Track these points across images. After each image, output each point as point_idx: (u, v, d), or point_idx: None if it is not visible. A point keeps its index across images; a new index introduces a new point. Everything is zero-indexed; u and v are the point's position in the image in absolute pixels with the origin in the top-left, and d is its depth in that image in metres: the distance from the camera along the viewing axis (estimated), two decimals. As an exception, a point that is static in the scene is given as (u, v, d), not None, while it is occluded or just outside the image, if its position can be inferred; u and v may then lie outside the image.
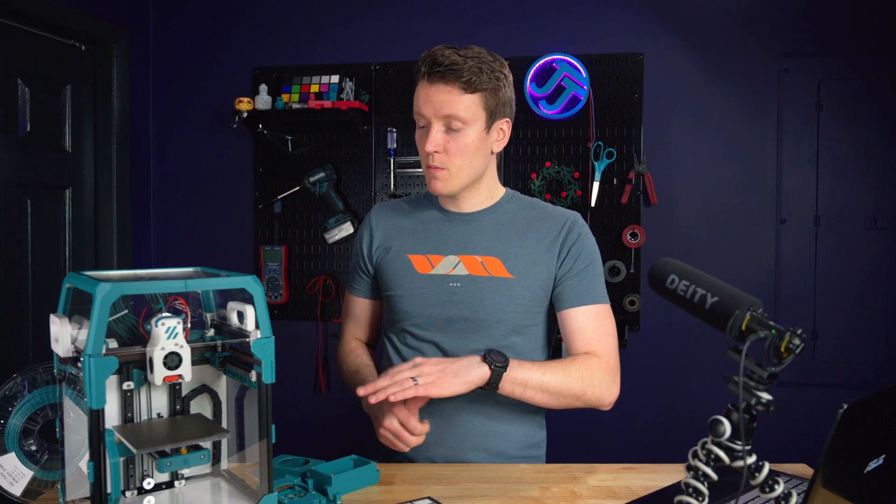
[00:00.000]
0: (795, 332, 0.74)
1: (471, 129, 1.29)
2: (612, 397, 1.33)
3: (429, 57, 1.28)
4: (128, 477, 0.93)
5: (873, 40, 2.63)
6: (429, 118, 1.29)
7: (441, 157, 1.29)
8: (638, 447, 2.75)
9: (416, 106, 1.31)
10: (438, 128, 1.29)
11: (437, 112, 1.27)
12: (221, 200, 2.94)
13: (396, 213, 1.46)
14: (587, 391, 1.28)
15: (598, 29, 2.74)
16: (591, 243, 1.37)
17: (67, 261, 2.59)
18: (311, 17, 2.88)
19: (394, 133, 2.77)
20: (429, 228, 1.40)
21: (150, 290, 0.90)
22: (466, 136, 1.29)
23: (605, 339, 1.34)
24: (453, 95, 1.26)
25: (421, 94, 1.29)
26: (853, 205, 2.65)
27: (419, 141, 1.32)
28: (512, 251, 1.35)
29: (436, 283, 1.35)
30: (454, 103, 1.26)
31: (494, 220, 1.38)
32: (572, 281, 1.34)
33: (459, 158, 1.30)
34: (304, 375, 2.88)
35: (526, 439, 1.40)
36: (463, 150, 1.29)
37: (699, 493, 0.81)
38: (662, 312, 2.69)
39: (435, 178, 1.32)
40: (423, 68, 1.28)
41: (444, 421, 1.36)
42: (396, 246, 1.41)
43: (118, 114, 2.72)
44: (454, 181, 1.32)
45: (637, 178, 2.68)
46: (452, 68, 1.25)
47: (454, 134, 1.29)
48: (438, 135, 1.29)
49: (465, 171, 1.32)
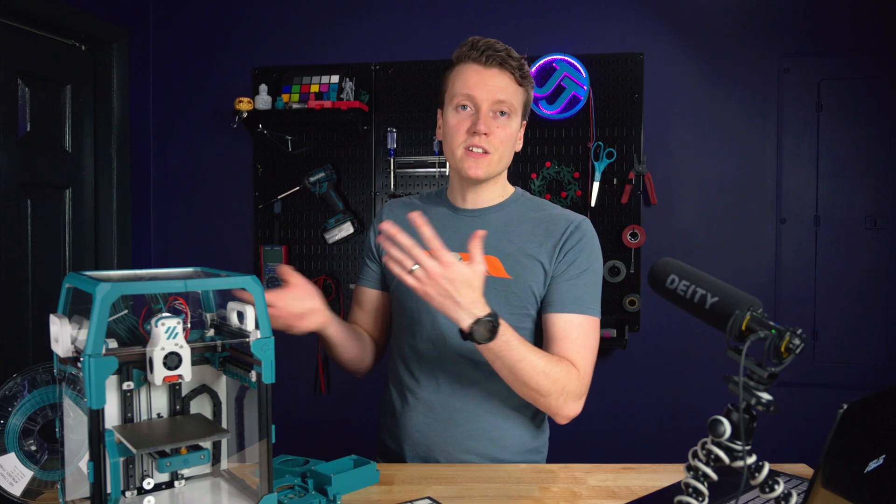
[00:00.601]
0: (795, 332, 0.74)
1: (514, 120, 1.32)
2: (572, 412, 1.25)
3: (480, 42, 1.29)
4: (128, 477, 0.93)
5: (873, 40, 2.63)
6: (480, 101, 1.28)
7: (487, 141, 1.29)
8: (638, 447, 2.75)
9: (462, 87, 1.30)
10: (488, 111, 1.29)
11: (491, 95, 1.28)
12: (221, 200, 2.94)
13: (405, 210, 1.46)
14: (553, 394, 1.21)
15: (598, 29, 2.74)
16: (592, 250, 1.34)
17: (67, 261, 2.59)
18: (311, 17, 2.88)
19: (394, 133, 2.77)
20: (435, 225, 1.39)
21: (150, 290, 0.90)
22: (512, 125, 1.32)
23: (585, 352, 1.28)
24: (509, 83, 1.29)
25: (472, 76, 1.29)
26: (853, 205, 2.65)
27: (458, 124, 1.31)
28: (512, 251, 1.34)
29: None
30: (509, 90, 1.29)
31: (500, 219, 1.38)
32: (564, 285, 1.31)
33: (502, 146, 1.31)
34: (304, 375, 2.88)
35: (522, 444, 1.39)
36: (508, 138, 1.32)
37: (699, 493, 0.81)
38: (662, 312, 2.69)
39: (477, 161, 1.30)
40: (476, 52, 1.28)
41: (440, 425, 1.36)
42: None
43: (118, 114, 2.72)
44: (492, 167, 1.32)
45: (637, 178, 2.68)
46: (510, 56, 1.29)
47: (502, 120, 1.30)
48: (489, 118, 1.29)
49: (503, 160, 1.34)
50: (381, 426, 1.50)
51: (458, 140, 1.31)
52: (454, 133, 1.31)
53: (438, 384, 1.36)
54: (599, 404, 2.77)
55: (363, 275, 1.51)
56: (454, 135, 1.31)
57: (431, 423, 1.37)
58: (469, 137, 1.29)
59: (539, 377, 1.19)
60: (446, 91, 1.35)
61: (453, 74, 1.33)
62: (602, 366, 2.78)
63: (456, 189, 1.41)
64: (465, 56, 1.30)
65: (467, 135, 1.29)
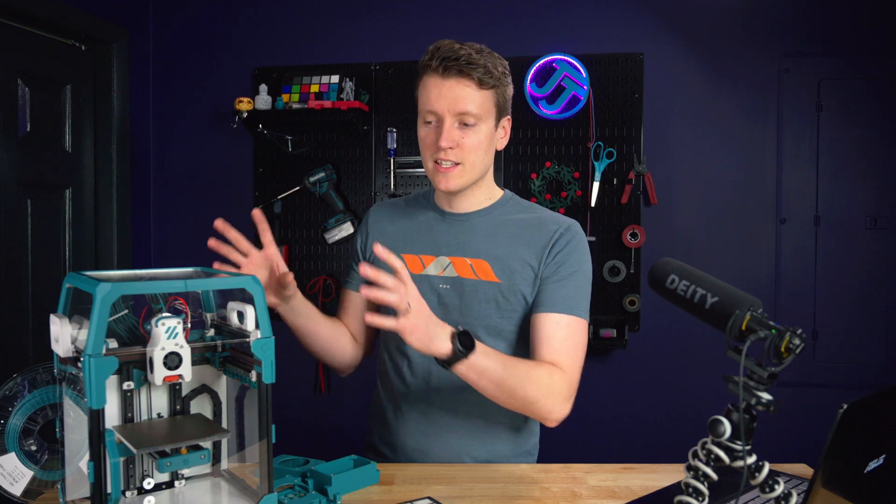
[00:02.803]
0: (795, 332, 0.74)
1: (483, 126, 1.28)
2: (562, 413, 1.22)
3: (440, 50, 1.25)
4: (128, 477, 0.93)
5: (873, 40, 2.63)
6: (441, 114, 1.25)
7: (455, 153, 1.27)
8: (638, 447, 2.75)
9: (424, 101, 1.28)
10: (452, 123, 1.26)
11: (452, 108, 1.25)
12: (221, 200, 2.94)
13: (394, 213, 1.45)
14: (541, 400, 1.19)
15: (598, 29, 2.74)
16: (581, 253, 1.32)
17: (67, 261, 2.59)
18: (311, 17, 2.88)
19: (394, 133, 2.77)
20: (423, 228, 1.39)
21: (150, 290, 0.90)
22: (480, 132, 1.28)
23: (573, 353, 1.26)
24: (469, 91, 1.24)
25: (432, 89, 1.26)
26: (853, 205, 2.65)
27: (426, 137, 1.29)
28: (502, 255, 1.32)
29: (426, 284, 1.34)
30: (469, 99, 1.25)
31: (489, 223, 1.36)
32: (552, 286, 1.29)
33: (473, 154, 1.28)
34: (304, 375, 2.88)
35: (516, 447, 1.39)
36: (476, 147, 1.28)
37: (699, 493, 0.81)
38: (662, 312, 2.69)
39: (446, 175, 1.28)
40: (435, 62, 1.24)
41: (433, 431, 1.36)
42: (390, 245, 1.40)
43: (118, 114, 2.72)
44: (465, 177, 1.29)
45: (637, 178, 2.67)
46: (469, 63, 1.23)
47: (468, 129, 1.27)
48: (453, 130, 1.26)
49: (477, 168, 1.30)
50: (371, 431, 1.48)
51: (427, 154, 1.30)
52: (423, 147, 1.30)
53: (429, 388, 1.36)
54: (599, 404, 2.78)
55: (350, 278, 1.48)
56: (423, 149, 1.30)
57: (424, 428, 1.37)
58: (436, 151, 1.27)
59: (525, 384, 1.17)
60: (417, 102, 1.32)
61: (419, 87, 1.30)
62: (602, 366, 2.78)
63: (441, 194, 1.39)
64: (425, 67, 1.27)
65: (434, 148, 1.27)
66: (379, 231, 1.44)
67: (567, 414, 1.23)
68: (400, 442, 1.39)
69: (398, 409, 1.39)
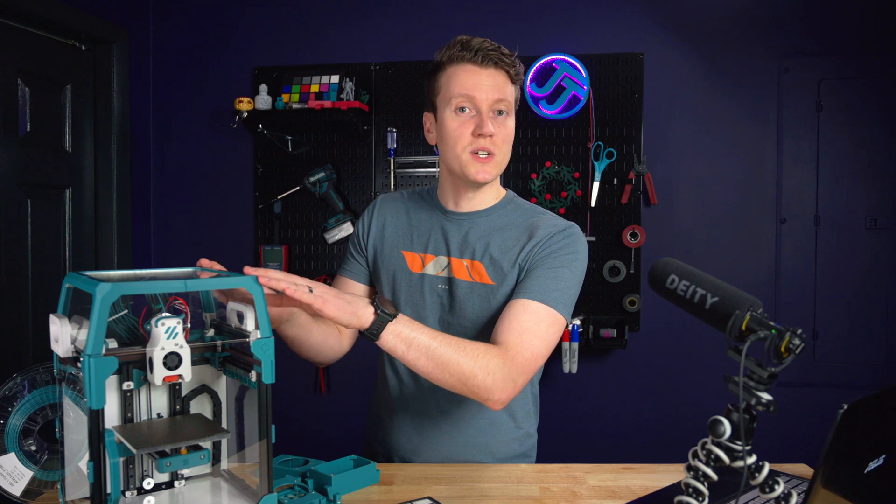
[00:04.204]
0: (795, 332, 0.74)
1: (511, 118, 1.31)
2: (503, 394, 1.13)
3: (473, 42, 1.26)
4: (128, 477, 0.93)
5: (873, 40, 2.63)
6: (479, 102, 1.25)
7: (490, 143, 1.27)
8: (638, 447, 2.75)
9: (459, 89, 1.26)
10: (488, 112, 1.26)
11: (490, 95, 1.25)
12: (221, 200, 2.94)
13: (400, 207, 1.43)
14: (478, 375, 1.11)
15: (598, 29, 2.74)
16: (573, 252, 1.27)
17: (67, 261, 2.59)
18: (311, 17, 2.88)
19: (394, 133, 2.77)
20: (425, 226, 1.39)
21: (150, 290, 0.90)
22: (511, 123, 1.30)
23: (528, 336, 1.17)
24: (505, 81, 1.28)
25: (468, 77, 1.26)
26: (853, 205, 2.65)
27: (460, 127, 1.27)
28: (497, 258, 1.31)
29: (424, 284, 1.34)
30: (506, 89, 1.28)
31: (489, 224, 1.35)
32: (534, 274, 1.25)
33: (505, 146, 1.29)
34: (304, 375, 2.88)
35: (510, 449, 1.38)
36: (509, 137, 1.30)
37: (699, 493, 0.81)
38: (662, 312, 2.69)
39: (484, 165, 1.27)
40: (469, 53, 1.26)
41: (427, 430, 1.35)
42: (393, 240, 1.39)
43: (118, 114, 2.72)
44: (497, 169, 1.30)
45: (637, 178, 2.68)
46: (504, 55, 1.27)
47: (501, 118, 1.28)
48: (492, 119, 1.26)
49: (505, 160, 1.32)
50: (369, 427, 1.49)
51: (462, 144, 1.27)
52: (457, 137, 1.27)
53: (424, 389, 1.35)
54: (599, 404, 2.78)
55: (348, 266, 1.45)
56: (457, 138, 1.27)
57: (418, 427, 1.36)
58: (475, 140, 1.26)
59: (459, 356, 1.11)
60: (439, 93, 1.30)
61: (446, 76, 1.28)
62: (602, 366, 2.78)
63: (448, 192, 1.37)
64: (457, 57, 1.27)
65: (472, 137, 1.26)
66: (382, 223, 1.42)
67: (510, 395, 1.14)
68: (394, 442, 1.39)
69: (393, 410, 1.39)
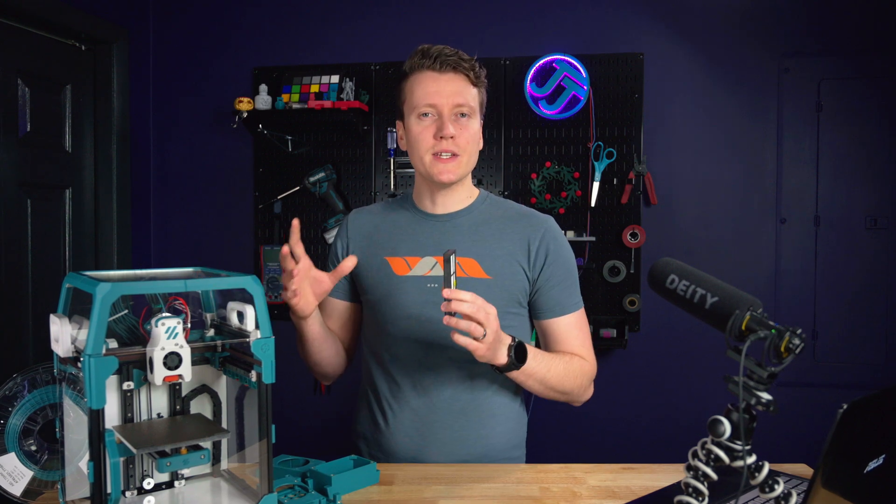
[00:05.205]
0: (795, 332, 0.74)
1: (474, 120, 1.36)
2: (587, 397, 1.41)
3: (431, 50, 1.33)
4: (128, 477, 0.93)
5: (873, 40, 2.63)
6: (441, 106, 1.31)
7: (453, 144, 1.31)
8: (638, 447, 2.75)
9: (420, 97, 1.32)
10: (449, 115, 1.32)
11: (451, 100, 1.31)
12: (221, 200, 2.94)
13: (372, 218, 1.45)
14: (575, 390, 1.34)
15: (598, 29, 2.74)
16: (567, 249, 1.40)
17: (67, 261, 2.59)
18: (311, 17, 2.88)
19: (394, 133, 2.77)
20: (404, 231, 1.40)
21: (150, 290, 0.91)
22: (474, 124, 1.35)
23: (588, 343, 1.41)
24: (464, 85, 1.33)
25: (429, 84, 1.32)
26: (853, 205, 2.65)
27: (422, 132, 1.33)
28: (488, 252, 1.35)
29: (413, 285, 1.35)
30: (465, 92, 1.33)
31: (470, 222, 1.39)
32: (554, 291, 1.37)
33: (470, 145, 1.34)
34: (304, 375, 2.85)
35: (507, 441, 1.41)
36: (472, 137, 1.35)
37: (699, 493, 0.81)
38: (662, 312, 2.69)
39: (447, 165, 1.32)
40: (428, 61, 1.32)
41: (425, 430, 1.35)
42: (374, 250, 1.40)
43: (118, 114, 2.72)
44: (462, 169, 1.35)
45: (637, 178, 2.68)
46: (462, 60, 1.33)
47: (463, 121, 1.34)
48: (453, 121, 1.32)
49: (471, 161, 1.37)
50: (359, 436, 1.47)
51: (424, 147, 1.33)
52: (420, 141, 1.33)
53: (419, 386, 1.36)
54: (599, 404, 2.77)
55: None
56: (420, 142, 1.33)
57: (417, 428, 1.36)
58: (436, 143, 1.31)
59: (564, 380, 1.31)
60: (405, 101, 1.37)
61: (409, 85, 1.36)
62: (602, 366, 2.76)
63: (424, 194, 1.41)
64: (418, 65, 1.34)
65: (434, 140, 1.32)
66: (360, 236, 1.43)
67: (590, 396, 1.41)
68: (393, 441, 1.38)
69: (390, 410, 1.39)
